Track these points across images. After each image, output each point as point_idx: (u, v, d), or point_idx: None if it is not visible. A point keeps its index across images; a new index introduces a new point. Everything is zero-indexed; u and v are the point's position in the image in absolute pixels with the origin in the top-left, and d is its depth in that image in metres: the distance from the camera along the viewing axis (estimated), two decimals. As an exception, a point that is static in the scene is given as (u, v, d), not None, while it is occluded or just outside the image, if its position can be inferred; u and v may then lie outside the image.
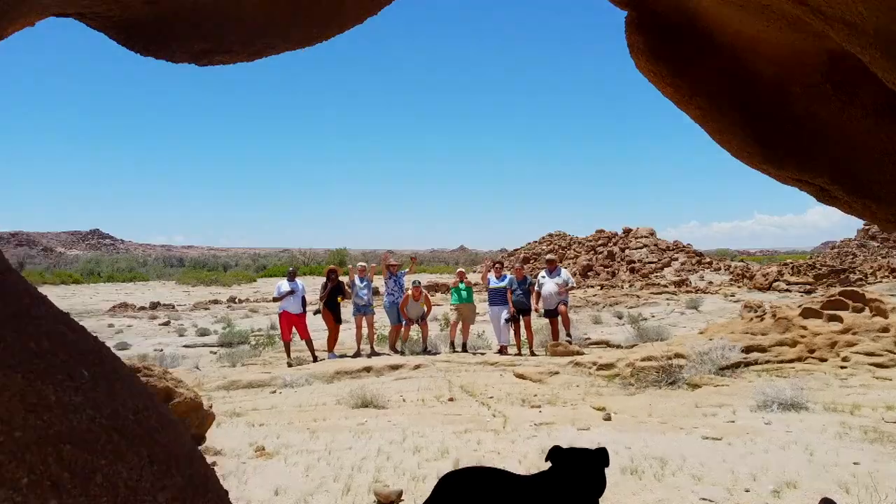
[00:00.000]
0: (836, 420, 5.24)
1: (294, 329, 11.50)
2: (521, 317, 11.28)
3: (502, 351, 11.39)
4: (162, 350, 18.19)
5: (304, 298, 11.59)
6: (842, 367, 8.35)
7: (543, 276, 11.52)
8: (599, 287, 36.69)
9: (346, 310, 12.30)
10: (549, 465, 2.23)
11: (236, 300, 38.23)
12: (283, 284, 11.48)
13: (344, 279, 12.22)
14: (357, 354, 11.64)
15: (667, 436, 4.59)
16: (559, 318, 11.36)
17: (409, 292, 11.73)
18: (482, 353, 11.67)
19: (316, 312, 11.81)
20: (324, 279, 12.17)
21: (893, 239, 67.93)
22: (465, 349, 11.80)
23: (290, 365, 10.95)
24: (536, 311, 11.50)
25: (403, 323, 11.76)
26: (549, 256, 12.12)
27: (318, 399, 8.34)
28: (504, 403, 7.63)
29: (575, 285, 11.80)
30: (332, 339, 11.65)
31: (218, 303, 38.03)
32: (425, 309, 11.93)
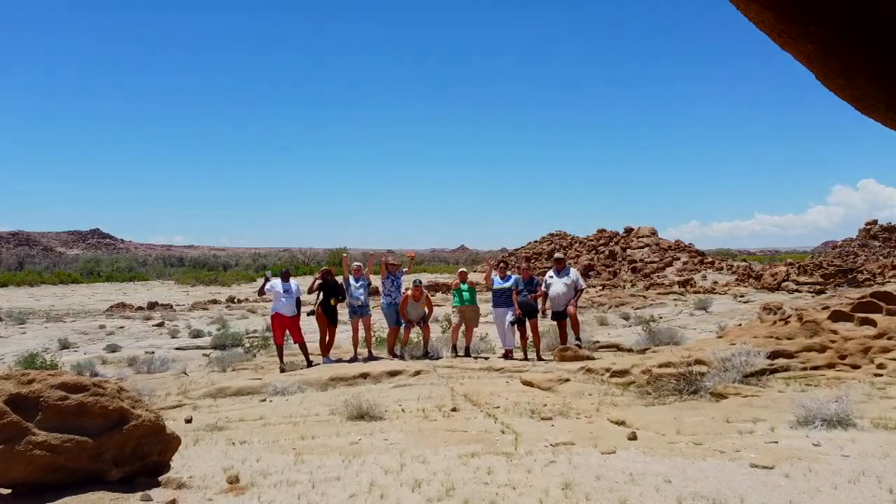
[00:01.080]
0: (894, 440, 4.59)
1: (287, 332, 10.86)
2: (527, 319, 10.64)
3: (507, 355, 10.75)
4: (153, 352, 17.58)
5: (298, 300, 10.92)
6: (877, 375, 7.69)
7: (551, 276, 10.85)
8: (601, 287, 36.08)
9: (343, 312, 11.67)
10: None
11: (235, 300, 37.82)
12: (276, 284, 10.82)
13: (338, 279, 11.56)
14: (353, 359, 11.01)
15: (708, 462, 3.94)
16: (567, 321, 10.72)
17: (409, 292, 11.05)
18: (486, 358, 11.03)
19: (310, 313, 11.14)
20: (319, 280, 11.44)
21: (894, 239, 67.34)
22: (467, 353, 11.15)
23: (282, 370, 10.33)
24: (543, 313, 10.83)
25: (403, 325, 11.10)
26: (557, 255, 11.44)
27: (311, 409, 7.72)
28: (512, 415, 7.00)
29: (585, 287, 11.14)
30: (327, 343, 11.01)
31: (217, 302, 37.66)
32: (426, 310, 11.25)
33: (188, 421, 6.27)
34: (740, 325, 18.52)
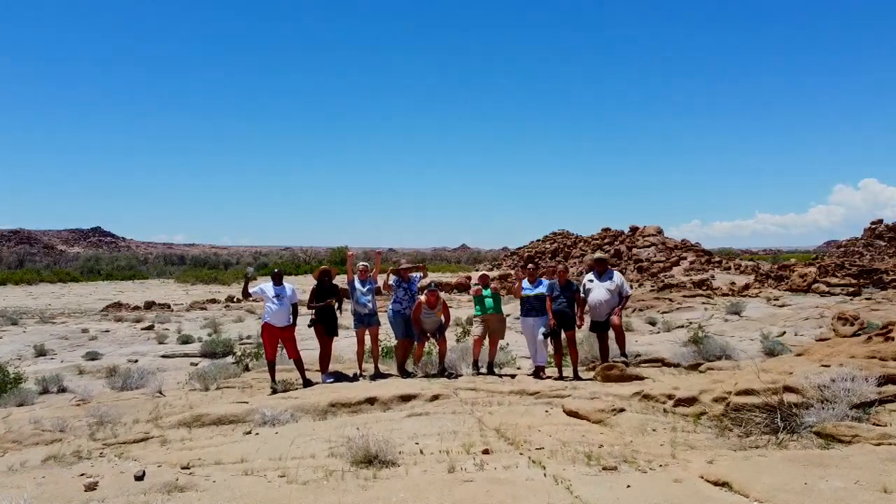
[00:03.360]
0: None
1: (281, 345, 9.25)
2: (562, 331, 9.02)
3: (538, 373, 9.13)
4: (136, 360, 16.04)
5: (295, 307, 9.27)
6: None
7: (591, 280, 9.22)
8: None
9: (345, 318, 10.07)
10: None
11: (234, 300, 36.43)
12: (267, 287, 9.19)
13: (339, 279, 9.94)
14: (358, 376, 9.41)
15: None
16: (610, 333, 9.10)
17: (423, 298, 9.41)
18: (512, 376, 9.41)
19: (311, 324, 9.52)
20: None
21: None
22: (491, 370, 9.54)
23: (274, 391, 8.73)
24: (580, 323, 9.20)
25: (416, 338, 9.45)
26: (597, 255, 9.77)
27: (305, 448, 6.13)
28: (562, 461, 5.40)
29: (631, 292, 9.47)
30: (324, 359, 9.41)
31: (216, 302, 36.28)
32: (442, 319, 9.60)
33: (139, 478, 4.66)
34: (783, 332, 16.88)
